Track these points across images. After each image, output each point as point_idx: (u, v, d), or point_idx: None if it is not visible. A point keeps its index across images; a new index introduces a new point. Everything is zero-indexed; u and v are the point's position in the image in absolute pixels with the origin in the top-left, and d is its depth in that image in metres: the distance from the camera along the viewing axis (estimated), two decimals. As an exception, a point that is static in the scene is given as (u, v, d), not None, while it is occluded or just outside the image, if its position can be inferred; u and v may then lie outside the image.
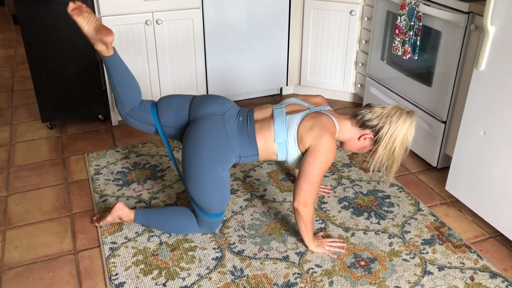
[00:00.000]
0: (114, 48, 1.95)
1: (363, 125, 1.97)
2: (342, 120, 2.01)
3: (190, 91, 3.24)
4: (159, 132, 2.08)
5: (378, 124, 1.93)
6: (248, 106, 3.46)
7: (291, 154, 1.99)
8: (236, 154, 1.99)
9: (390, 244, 2.11)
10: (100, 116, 3.21)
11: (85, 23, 1.86)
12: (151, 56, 3.03)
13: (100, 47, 1.91)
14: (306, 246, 2.07)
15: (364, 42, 3.21)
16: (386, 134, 1.91)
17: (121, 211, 2.14)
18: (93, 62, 2.96)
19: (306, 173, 1.91)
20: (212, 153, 1.93)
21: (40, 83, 2.89)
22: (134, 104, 2.07)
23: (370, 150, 2.04)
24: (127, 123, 2.14)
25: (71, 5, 1.85)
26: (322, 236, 2.14)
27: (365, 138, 1.98)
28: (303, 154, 1.96)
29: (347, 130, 2.00)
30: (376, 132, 1.94)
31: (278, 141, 1.97)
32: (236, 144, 1.97)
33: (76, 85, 2.96)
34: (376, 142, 1.96)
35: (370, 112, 1.95)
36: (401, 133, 1.90)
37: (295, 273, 1.95)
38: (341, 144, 2.09)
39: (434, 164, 2.65)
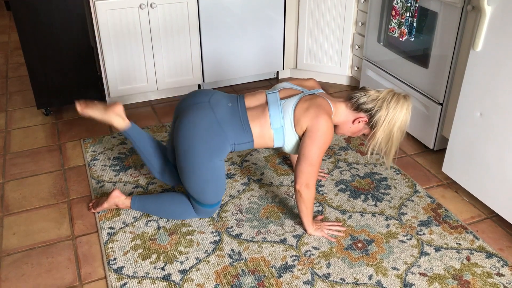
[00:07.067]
0: (131, 122, 2.08)
1: (357, 108, 1.96)
2: (336, 103, 2.00)
3: (185, 76, 3.22)
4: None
5: (373, 107, 1.92)
6: (244, 90, 3.45)
7: (288, 139, 1.98)
8: (230, 142, 1.96)
9: (387, 226, 2.12)
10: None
11: (96, 112, 2.03)
12: (145, 41, 3.00)
13: (117, 122, 2.04)
14: (304, 230, 2.08)
15: (360, 24, 3.19)
16: (384, 119, 1.90)
17: (117, 198, 2.14)
18: (88, 48, 2.93)
19: (306, 156, 1.90)
20: (206, 144, 1.91)
21: (35, 69, 2.86)
22: (161, 162, 2.16)
23: (364, 134, 2.03)
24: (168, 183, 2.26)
25: (78, 107, 2.04)
26: (320, 220, 2.15)
27: (360, 122, 1.97)
28: (301, 138, 1.96)
29: (341, 112, 1.99)
30: (371, 116, 1.93)
31: (275, 127, 1.95)
32: (229, 131, 1.94)
33: (71, 71, 2.94)
34: (371, 126, 1.95)
35: (365, 95, 1.94)
36: (400, 118, 1.89)
37: (292, 256, 1.96)
38: (335, 128, 2.07)
39: (431, 146, 2.65)
